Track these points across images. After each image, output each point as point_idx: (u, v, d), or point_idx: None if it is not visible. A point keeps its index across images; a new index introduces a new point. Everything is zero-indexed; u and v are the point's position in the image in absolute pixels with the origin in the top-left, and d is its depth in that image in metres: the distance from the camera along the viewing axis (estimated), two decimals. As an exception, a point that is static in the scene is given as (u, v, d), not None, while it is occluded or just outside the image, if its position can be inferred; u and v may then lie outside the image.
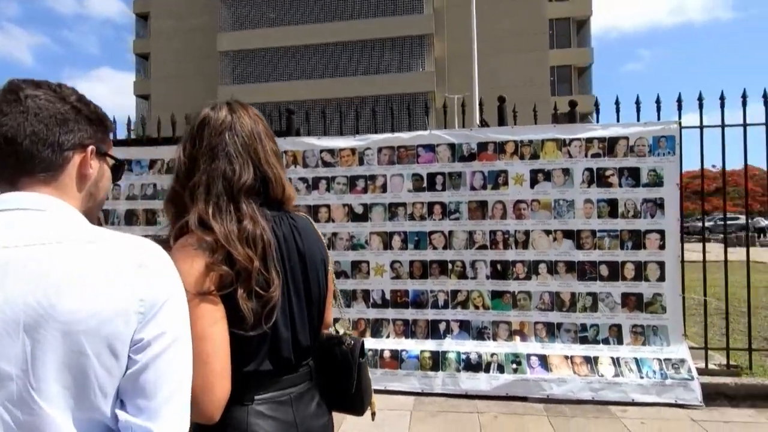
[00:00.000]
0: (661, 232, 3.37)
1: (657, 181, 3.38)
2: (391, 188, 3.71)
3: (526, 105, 3.84)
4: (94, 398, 0.63)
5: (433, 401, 3.34)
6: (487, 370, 3.40)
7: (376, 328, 3.70)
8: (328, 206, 3.79)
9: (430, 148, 3.67)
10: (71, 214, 0.72)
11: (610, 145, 3.43)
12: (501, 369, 3.39)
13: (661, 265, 3.37)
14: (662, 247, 3.37)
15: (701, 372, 3.27)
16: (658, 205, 3.38)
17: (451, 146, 3.64)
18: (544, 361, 3.38)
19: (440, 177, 3.65)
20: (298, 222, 1.06)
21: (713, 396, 3.16)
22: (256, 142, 0.99)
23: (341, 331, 1.22)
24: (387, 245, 3.71)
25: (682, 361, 3.25)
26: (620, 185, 3.42)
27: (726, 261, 3.47)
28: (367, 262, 3.74)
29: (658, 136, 3.38)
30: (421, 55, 22.08)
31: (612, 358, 3.32)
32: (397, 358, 3.54)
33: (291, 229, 1.02)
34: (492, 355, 3.45)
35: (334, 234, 3.78)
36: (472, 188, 3.61)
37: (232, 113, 0.99)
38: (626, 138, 3.41)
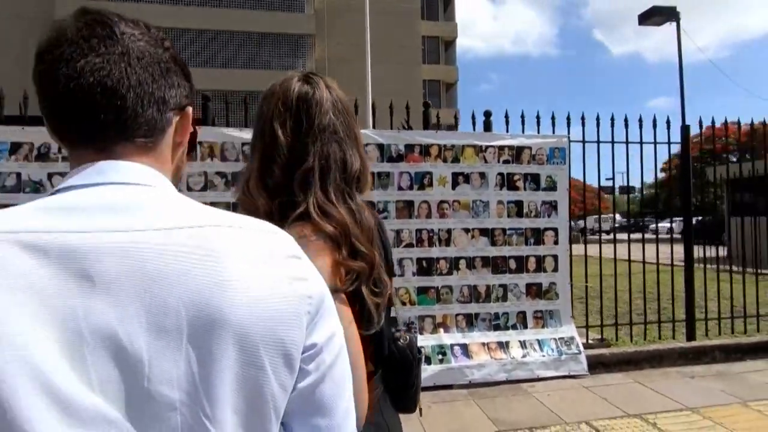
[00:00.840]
0: (555, 230, 3.94)
1: (552, 186, 3.94)
2: (319, 186, 3.61)
3: (402, 114, 3.92)
4: (268, 424, 0.49)
5: (366, 399, 3.34)
6: (415, 363, 3.54)
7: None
8: (250, 204, 3.52)
9: (360, 147, 3.68)
10: (178, 192, 0.58)
11: (517, 153, 3.89)
12: (428, 361, 3.56)
13: (555, 258, 3.93)
14: (556, 242, 3.94)
15: (584, 346, 3.91)
16: (553, 206, 3.95)
17: (380, 146, 3.70)
18: (465, 349, 3.66)
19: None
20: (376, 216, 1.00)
21: (594, 365, 3.80)
22: (355, 124, 0.91)
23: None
24: (315, 245, 3.60)
25: (572, 338, 3.85)
26: (525, 189, 3.90)
27: (585, 255, 4.21)
28: (294, 263, 3.57)
29: (554, 148, 3.96)
30: (302, 55, 21.80)
31: (520, 341, 3.76)
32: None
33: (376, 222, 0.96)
34: (421, 349, 3.59)
35: (257, 234, 3.52)
36: (400, 188, 3.72)
37: (329, 89, 0.89)
38: (530, 148, 3.90)
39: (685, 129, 4.50)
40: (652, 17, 9.73)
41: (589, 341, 4.05)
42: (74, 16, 0.55)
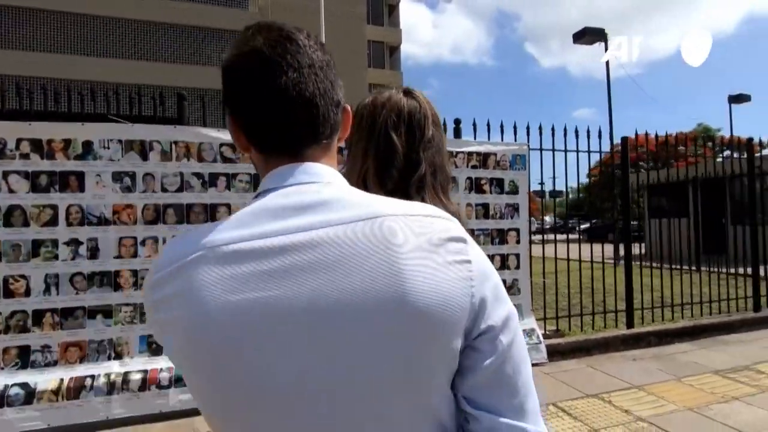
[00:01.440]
0: (517, 230, 4.27)
1: (515, 190, 4.27)
2: (298, 188, 3.65)
3: None
4: (439, 403, 0.54)
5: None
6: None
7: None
8: (228, 205, 3.48)
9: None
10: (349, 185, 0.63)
11: (483, 159, 4.17)
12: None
13: (517, 256, 4.27)
14: (518, 242, 4.27)
15: (542, 337, 4.27)
16: (515, 209, 4.28)
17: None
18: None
19: (347, 179, 3.78)
20: None
21: (551, 353, 4.17)
22: (443, 136, 1.03)
23: None
24: (294, 246, 3.63)
25: (533, 330, 4.19)
26: (490, 192, 4.20)
27: (543, 253, 4.62)
28: (273, 265, 3.57)
29: (516, 154, 4.29)
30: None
31: (488, 335, 4.03)
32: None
33: None
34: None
35: (236, 236, 3.48)
36: (377, 191, 3.85)
37: (428, 104, 1.00)
38: (495, 154, 4.21)
39: (624, 140, 5.06)
40: (584, 36, 10.67)
41: (546, 332, 4.43)
42: (260, 33, 0.60)
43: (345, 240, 0.52)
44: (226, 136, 3.47)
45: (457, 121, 4.16)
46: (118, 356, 3.19)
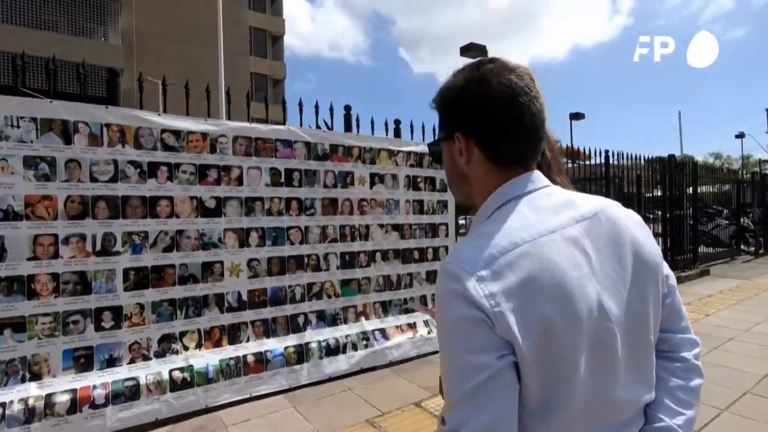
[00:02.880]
0: (447, 225, 4.69)
1: (444, 188, 4.68)
2: (248, 181, 3.48)
3: (233, 106, 3.87)
4: (655, 327, 0.78)
5: (303, 393, 3.42)
6: (344, 351, 3.76)
7: (234, 333, 3.38)
8: (170, 198, 3.15)
9: (288, 143, 3.68)
10: None
11: (419, 159, 4.48)
12: (354, 347, 3.83)
13: (446, 248, 4.68)
14: (447, 235, 4.69)
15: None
16: (445, 205, 4.69)
17: (307, 144, 3.78)
18: (383, 333, 4.05)
19: (297, 173, 3.72)
20: None
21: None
22: None
23: None
24: (244, 243, 3.45)
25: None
26: (425, 189, 4.53)
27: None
28: (222, 263, 3.35)
29: (445, 156, 4.69)
30: (104, 22, 18.33)
31: (425, 321, 4.36)
32: (262, 361, 3.37)
33: None
34: (346, 336, 3.83)
35: (180, 232, 3.18)
36: (325, 186, 3.87)
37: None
38: (429, 154, 4.54)
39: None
40: (469, 51, 11.85)
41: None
42: (506, 69, 0.76)
43: (609, 223, 0.75)
44: (169, 121, 3.15)
45: (397, 122, 4.39)
46: (36, 377, 2.67)
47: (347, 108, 4.09)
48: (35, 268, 2.71)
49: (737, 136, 24.96)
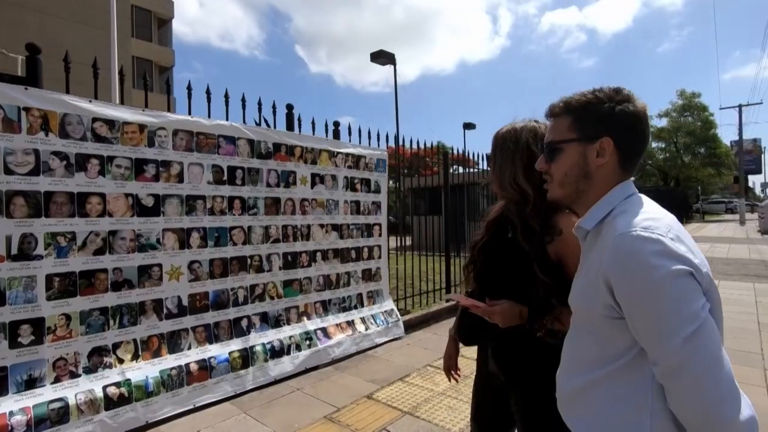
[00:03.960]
0: (380, 225, 4.88)
1: (378, 189, 4.87)
2: (189, 178, 3.26)
3: (106, 91, 3.45)
4: None
5: (251, 397, 3.32)
6: (288, 352, 3.73)
7: (174, 341, 3.14)
8: (102, 195, 2.83)
9: (231, 140, 3.53)
10: None
11: (356, 161, 4.60)
12: (298, 348, 3.81)
13: (380, 247, 4.88)
14: (380, 234, 4.89)
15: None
16: (378, 206, 4.88)
17: (251, 142, 3.66)
18: (325, 332, 4.09)
19: (240, 171, 3.59)
20: None
21: (405, 328, 4.95)
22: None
23: None
24: (184, 244, 3.23)
25: (392, 310, 4.88)
26: (361, 191, 4.66)
27: (397, 244, 5.43)
28: (160, 266, 3.10)
29: (379, 158, 4.89)
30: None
31: (361, 318, 4.50)
32: (206, 368, 3.19)
33: None
34: (290, 338, 3.80)
35: (113, 233, 2.87)
36: (268, 185, 3.79)
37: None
38: (365, 156, 4.69)
39: (445, 154, 6.34)
40: (380, 57, 12.27)
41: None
42: (633, 95, 0.97)
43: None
44: (101, 108, 2.84)
45: (336, 123, 4.45)
46: (-68, 408, 2.21)
47: (289, 107, 4.05)
48: (-69, 276, 2.24)
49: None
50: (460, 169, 7.76)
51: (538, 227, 1.28)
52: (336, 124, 4.45)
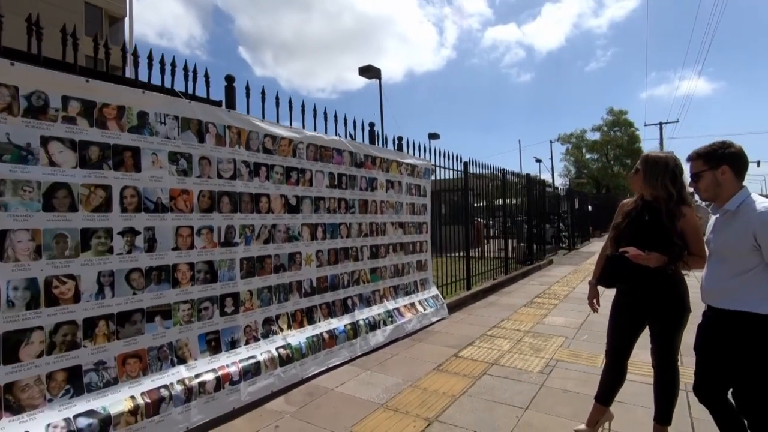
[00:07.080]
0: (426, 223, 5.80)
1: (425, 194, 5.79)
2: (315, 183, 4.01)
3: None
4: None
5: (363, 361, 4.10)
6: (379, 326, 4.53)
7: (310, 315, 3.86)
8: (268, 196, 3.53)
9: (339, 152, 4.31)
10: None
11: (412, 169, 5.50)
12: (385, 323, 4.63)
13: (427, 242, 5.79)
14: (427, 231, 5.80)
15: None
16: (425, 207, 5.79)
17: (351, 154, 4.46)
18: (399, 311, 4.93)
19: (344, 177, 4.37)
20: None
21: (448, 309, 5.89)
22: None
23: None
24: (314, 236, 3.97)
25: (437, 295, 5.81)
26: (415, 194, 5.56)
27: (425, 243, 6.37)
28: (300, 254, 3.82)
29: (427, 168, 5.81)
30: None
31: (419, 301, 5.38)
32: (333, 337, 3.94)
33: None
34: (378, 315, 4.60)
35: (274, 226, 3.58)
36: (361, 189, 4.59)
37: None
38: (417, 166, 5.60)
39: (465, 164, 7.37)
40: (368, 72, 13.18)
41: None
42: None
43: None
44: (268, 126, 3.54)
45: (400, 138, 5.33)
46: (181, 360, 2.84)
47: (371, 125, 4.87)
48: (178, 257, 2.86)
49: (537, 161, 32.45)
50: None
51: (676, 212, 2.29)
52: (399, 138, 5.33)
